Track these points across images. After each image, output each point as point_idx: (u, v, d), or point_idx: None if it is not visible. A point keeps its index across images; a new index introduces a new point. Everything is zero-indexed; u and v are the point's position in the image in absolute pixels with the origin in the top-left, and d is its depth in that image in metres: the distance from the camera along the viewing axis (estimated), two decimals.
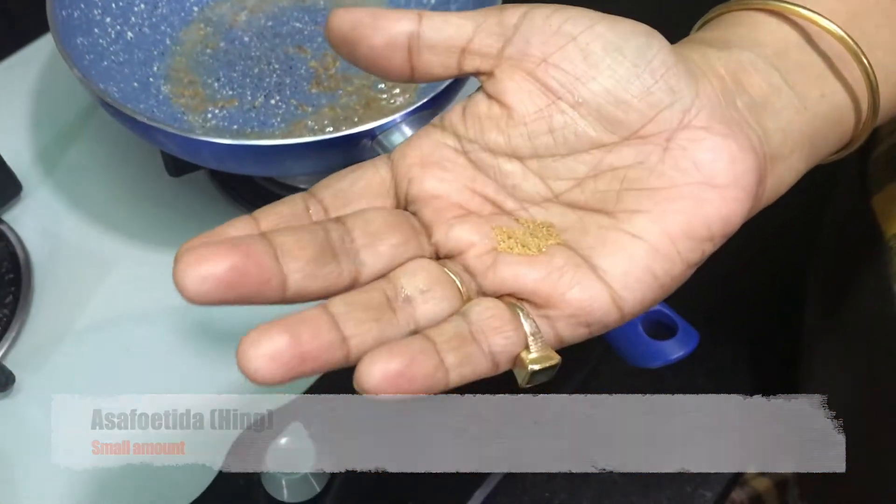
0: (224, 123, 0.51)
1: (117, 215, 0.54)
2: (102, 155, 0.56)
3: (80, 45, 0.49)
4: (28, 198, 0.54)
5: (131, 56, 0.53)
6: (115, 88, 0.49)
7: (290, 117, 0.52)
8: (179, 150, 0.46)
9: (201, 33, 0.55)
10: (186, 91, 0.53)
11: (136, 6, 0.54)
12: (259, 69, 0.54)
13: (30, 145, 0.57)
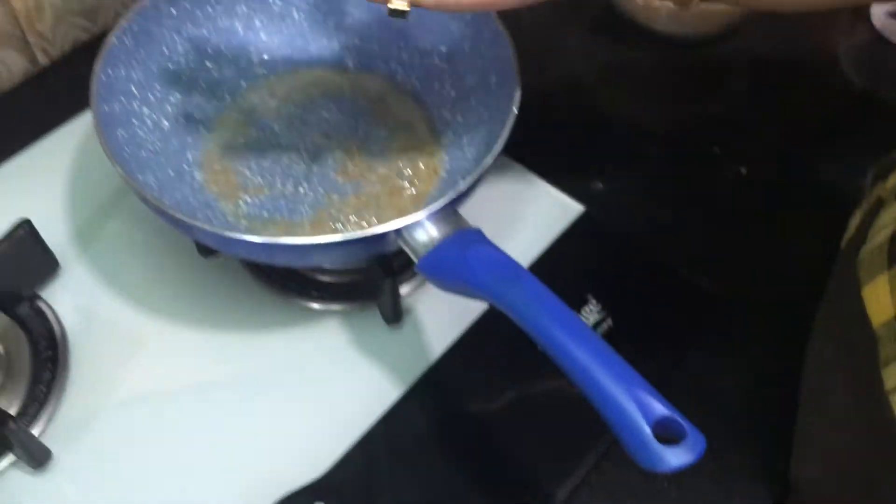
0: (255, 210, 0.54)
1: (151, 293, 0.56)
2: (136, 233, 0.59)
3: (120, 138, 0.52)
4: (65, 274, 0.57)
5: (167, 145, 0.55)
6: (152, 178, 0.52)
7: (317, 205, 0.55)
8: (213, 243, 0.48)
9: (233, 121, 0.58)
10: (219, 178, 0.55)
11: (171, 96, 0.57)
12: (288, 157, 0.57)
13: (67, 222, 0.59)
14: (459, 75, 0.58)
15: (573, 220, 0.60)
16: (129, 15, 0.54)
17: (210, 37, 0.59)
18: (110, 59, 0.52)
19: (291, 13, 0.60)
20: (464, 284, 0.44)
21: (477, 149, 0.56)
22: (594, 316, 0.55)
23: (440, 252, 0.45)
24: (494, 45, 0.55)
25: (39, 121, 0.64)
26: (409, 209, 0.54)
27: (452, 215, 0.47)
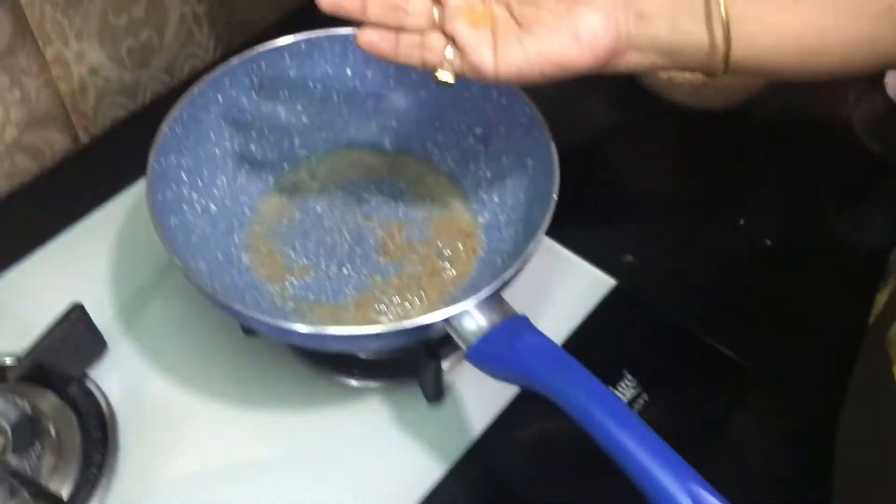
0: (301, 292, 0.56)
1: (195, 371, 0.57)
2: (180, 310, 0.60)
3: (173, 225, 0.53)
4: (112, 354, 0.58)
5: (215, 228, 0.57)
6: (203, 264, 0.54)
7: (361, 286, 0.56)
8: (260, 329, 0.50)
9: (277, 203, 0.60)
10: (266, 260, 0.57)
11: (218, 179, 0.59)
12: (331, 239, 0.58)
13: (112, 301, 0.61)
14: (495, 157, 0.60)
15: (605, 293, 0.62)
16: (178, 104, 0.56)
17: (254, 121, 0.61)
18: (163, 148, 0.54)
19: (331, 96, 0.62)
20: (514, 374, 0.45)
21: (514, 229, 0.57)
22: (630, 391, 0.56)
23: (489, 341, 0.46)
24: (531, 129, 0.57)
25: (82, 198, 0.66)
26: (450, 290, 0.56)
27: (498, 302, 0.48)
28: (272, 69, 0.60)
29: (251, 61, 0.59)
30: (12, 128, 0.63)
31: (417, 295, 0.56)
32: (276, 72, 0.60)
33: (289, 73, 0.61)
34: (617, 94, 0.78)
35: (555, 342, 0.46)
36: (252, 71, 0.59)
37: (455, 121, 0.62)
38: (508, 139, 0.59)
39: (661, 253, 0.65)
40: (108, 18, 0.65)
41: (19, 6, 0.59)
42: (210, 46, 0.75)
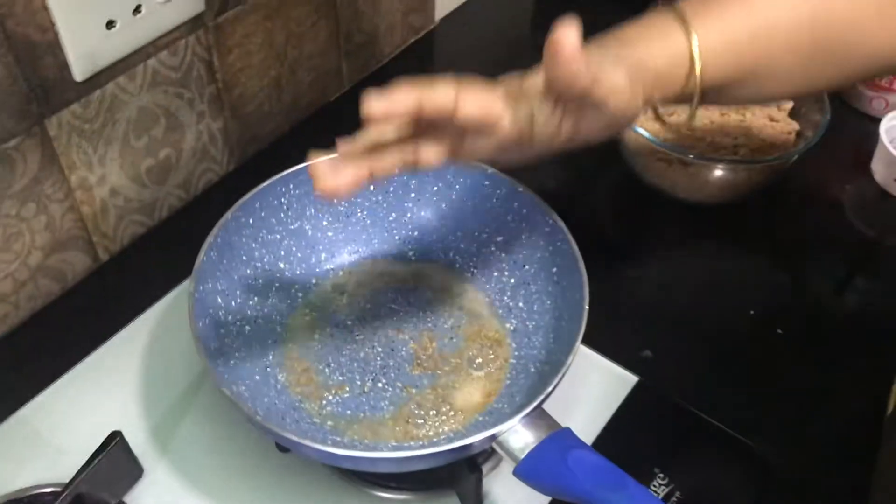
0: (338, 409, 0.56)
1: (230, 490, 0.57)
2: (213, 428, 0.60)
3: (214, 352, 0.54)
4: (147, 477, 0.58)
5: (250, 350, 0.58)
6: (243, 387, 0.54)
7: (397, 400, 0.57)
8: (314, 456, 0.50)
9: (307, 319, 0.61)
10: (301, 379, 0.58)
11: (251, 300, 0.60)
12: (364, 353, 0.59)
13: (144, 423, 0.61)
14: (518, 264, 0.62)
15: (629, 390, 0.63)
16: (213, 230, 0.57)
17: (283, 240, 0.62)
18: (201, 276, 0.55)
19: (355, 212, 0.64)
20: (565, 490, 0.46)
21: (544, 335, 0.59)
22: (663, 489, 0.57)
23: (537, 457, 0.47)
24: (553, 237, 0.59)
25: (104, 318, 0.66)
26: (484, 400, 0.57)
27: (541, 415, 0.49)
28: (299, 189, 0.62)
29: (280, 183, 0.61)
30: (37, 252, 0.64)
31: (454, 406, 0.57)
32: (303, 191, 0.62)
33: (314, 191, 0.62)
34: (618, 189, 0.81)
35: (604, 457, 0.47)
36: (281, 192, 0.61)
37: (476, 230, 0.64)
38: (531, 247, 0.61)
39: (677, 346, 0.67)
40: (129, 141, 0.66)
41: (48, 136, 0.60)
42: (224, 160, 0.77)
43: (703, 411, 0.62)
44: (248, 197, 0.59)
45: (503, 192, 0.62)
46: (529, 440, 0.48)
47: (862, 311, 0.72)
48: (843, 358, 0.67)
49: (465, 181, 0.64)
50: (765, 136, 0.74)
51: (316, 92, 0.83)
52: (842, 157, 0.82)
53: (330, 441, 0.54)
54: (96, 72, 0.61)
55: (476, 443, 0.47)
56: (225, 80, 0.72)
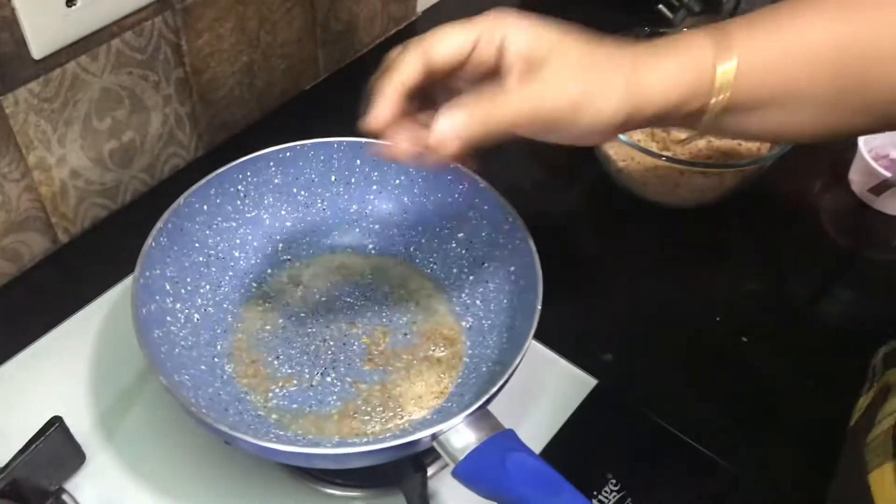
0: (284, 403, 0.55)
1: (173, 480, 0.56)
2: (161, 418, 0.59)
3: (157, 338, 0.53)
4: (89, 465, 0.57)
5: (198, 338, 0.57)
6: (186, 376, 0.53)
7: (345, 396, 0.56)
8: (246, 449, 0.49)
9: (260, 309, 0.60)
10: (248, 371, 0.57)
11: (201, 288, 0.59)
12: (315, 346, 0.58)
13: (91, 410, 0.60)
14: (478, 262, 0.61)
15: (587, 394, 0.62)
16: (164, 216, 0.56)
17: (238, 228, 0.61)
18: (148, 262, 0.54)
19: (316, 202, 0.63)
20: (501, 493, 0.45)
21: (498, 334, 0.58)
22: (615, 496, 0.56)
23: (477, 458, 0.46)
24: (513, 235, 0.58)
25: (60, 301, 0.65)
26: (434, 398, 0.56)
27: (486, 416, 0.48)
28: (257, 177, 0.61)
29: (236, 170, 0.60)
30: None
31: (403, 404, 0.56)
32: (262, 179, 0.61)
33: (274, 180, 0.61)
34: (591, 190, 0.80)
35: (543, 460, 0.46)
36: (238, 179, 0.60)
37: (437, 225, 0.63)
38: (491, 244, 0.60)
39: (639, 351, 0.66)
40: (91, 123, 0.65)
41: (3, 113, 0.59)
42: (192, 146, 0.76)
43: (662, 418, 0.61)
44: (203, 183, 0.58)
45: (465, 187, 0.61)
46: (471, 441, 0.47)
47: (833, 321, 0.71)
48: (809, 368, 0.66)
49: (428, 175, 0.63)
50: (739, 141, 0.73)
51: (290, 80, 0.82)
52: (819, 167, 0.81)
53: (272, 435, 0.53)
54: (56, 50, 0.60)
55: (415, 441, 0.46)
56: (193, 63, 0.71)
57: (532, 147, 0.75)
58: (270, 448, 0.47)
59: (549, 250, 0.55)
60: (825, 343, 0.68)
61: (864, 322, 0.70)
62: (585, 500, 0.43)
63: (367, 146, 0.61)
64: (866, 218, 0.77)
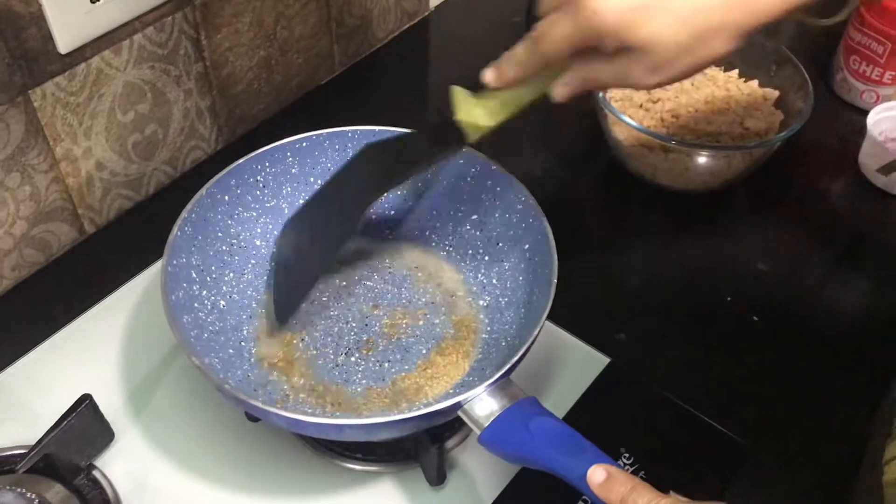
0: (310, 382, 0.57)
1: (201, 458, 0.58)
2: (187, 398, 0.61)
3: (186, 324, 0.54)
4: (118, 442, 0.59)
5: (225, 324, 0.58)
6: (216, 359, 0.55)
7: (369, 373, 0.58)
8: (277, 422, 0.50)
9: None
10: (275, 353, 0.58)
11: (225, 276, 0.60)
12: (338, 328, 0.60)
13: (120, 389, 0.62)
14: (492, 242, 0.63)
15: (600, 371, 0.63)
16: (188, 206, 0.58)
17: (259, 217, 0.63)
18: (175, 251, 0.56)
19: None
20: (526, 456, 0.47)
21: (515, 311, 0.59)
22: (628, 468, 0.58)
23: (501, 424, 0.48)
24: (525, 214, 0.59)
25: (88, 288, 0.67)
26: (457, 375, 0.58)
27: (507, 385, 0.50)
28: (275, 167, 0.63)
29: (255, 161, 0.61)
30: (22, 222, 0.65)
31: (425, 380, 0.57)
32: (280, 169, 0.63)
33: (291, 170, 0.63)
34: (602, 175, 0.81)
35: (565, 423, 0.47)
36: (257, 170, 0.62)
37: (451, 209, 0.64)
38: (505, 224, 0.62)
39: (652, 329, 0.67)
40: (115, 115, 0.68)
41: (32, 107, 0.61)
42: (212, 139, 0.78)
43: (674, 394, 0.62)
44: (224, 174, 0.60)
45: (478, 170, 0.62)
46: (494, 408, 0.48)
47: (842, 302, 0.72)
48: (819, 347, 0.67)
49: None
50: (748, 125, 0.74)
51: (306, 74, 0.84)
52: (830, 150, 0.82)
53: (299, 410, 0.54)
54: (81, 45, 0.62)
55: (441, 410, 0.48)
56: (213, 58, 0.73)
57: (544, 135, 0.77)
58: (302, 420, 0.48)
59: (563, 233, 0.56)
60: (835, 322, 0.69)
61: (875, 302, 0.71)
62: (608, 458, 0.45)
63: (380, 133, 0.62)
64: (876, 200, 0.78)
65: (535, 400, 0.49)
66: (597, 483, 0.43)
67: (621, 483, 0.42)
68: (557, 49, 0.47)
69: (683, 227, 0.76)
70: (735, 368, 0.65)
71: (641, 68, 0.46)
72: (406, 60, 0.92)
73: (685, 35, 0.45)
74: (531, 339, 0.51)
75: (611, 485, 0.42)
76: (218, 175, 0.60)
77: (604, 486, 0.43)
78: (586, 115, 0.79)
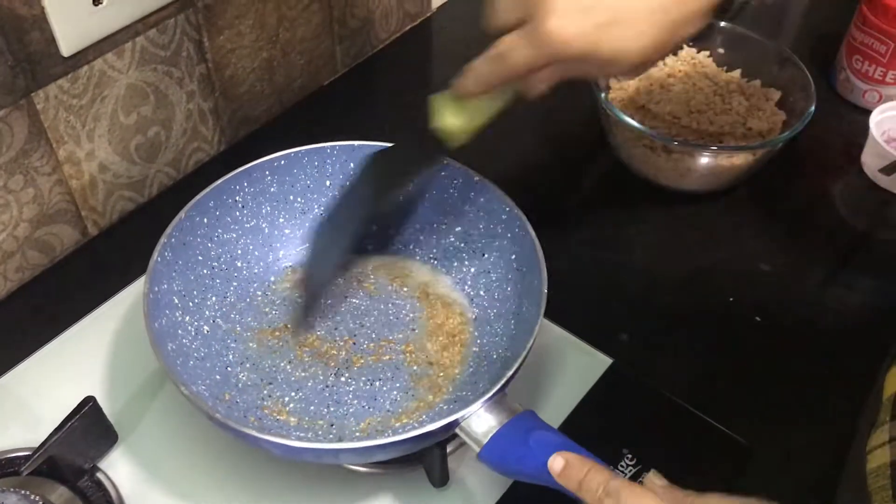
0: (301, 406, 0.56)
1: (206, 461, 0.58)
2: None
3: (171, 352, 0.54)
4: (122, 444, 0.59)
5: (210, 349, 0.58)
6: (203, 386, 0.54)
7: (359, 393, 0.57)
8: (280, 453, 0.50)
9: (267, 317, 0.61)
10: (263, 377, 0.58)
11: (208, 300, 0.60)
12: (325, 347, 0.59)
13: (123, 390, 0.62)
14: (477, 253, 0.62)
15: (602, 372, 0.63)
16: (166, 230, 0.57)
17: (239, 238, 0.62)
18: (156, 276, 0.55)
19: (313, 208, 0.64)
20: (528, 471, 0.47)
21: (505, 322, 0.59)
22: (630, 470, 0.57)
23: (500, 440, 0.48)
24: (510, 224, 0.59)
25: (92, 290, 0.68)
26: (448, 390, 0.57)
27: (504, 399, 0.49)
28: (253, 186, 0.62)
29: (233, 181, 0.61)
30: (25, 225, 0.66)
31: (417, 396, 0.57)
32: (258, 188, 0.62)
33: (270, 188, 0.63)
34: (604, 176, 0.81)
35: (565, 436, 0.47)
36: (235, 190, 0.61)
37: (434, 221, 0.64)
38: (490, 235, 0.62)
39: (654, 330, 0.67)
40: (118, 118, 0.68)
41: (35, 109, 0.61)
42: (215, 140, 0.78)
43: (677, 395, 0.62)
44: (202, 196, 0.59)
45: (459, 182, 0.62)
46: (492, 424, 0.48)
47: (846, 302, 0.72)
48: (822, 347, 0.67)
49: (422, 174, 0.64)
50: (751, 125, 0.74)
51: (309, 75, 0.84)
52: (833, 150, 0.82)
53: (294, 437, 0.54)
54: (84, 47, 0.62)
55: (437, 430, 0.48)
56: (215, 60, 0.73)
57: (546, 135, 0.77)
58: (296, 447, 0.48)
59: (564, 234, 0.56)
60: (838, 323, 0.69)
61: (878, 302, 0.71)
62: (609, 469, 0.44)
63: (359, 149, 0.62)
64: (879, 200, 0.78)
65: (533, 413, 0.49)
66: (556, 472, 0.44)
67: (577, 469, 0.44)
68: (519, 70, 0.47)
69: (686, 227, 0.76)
70: (738, 369, 0.65)
71: (615, 70, 0.47)
72: (408, 62, 0.92)
73: (649, 40, 0.45)
74: (524, 352, 0.51)
75: (569, 471, 0.44)
76: (196, 197, 0.59)
77: (563, 475, 0.44)
78: (588, 116, 0.79)
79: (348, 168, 0.63)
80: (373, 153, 0.57)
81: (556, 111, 0.52)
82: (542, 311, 0.52)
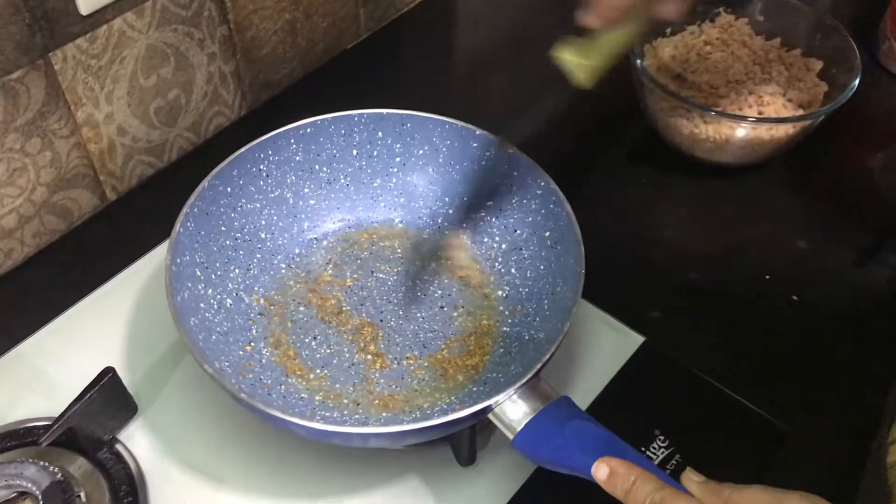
0: (327, 383, 0.55)
1: (226, 431, 0.57)
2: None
3: (194, 327, 0.52)
4: (141, 416, 0.58)
5: (233, 324, 0.56)
6: (226, 363, 0.52)
7: (388, 372, 0.55)
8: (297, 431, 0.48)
9: (292, 290, 0.59)
10: (288, 352, 0.56)
11: (231, 272, 0.58)
12: (352, 323, 0.57)
13: (142, 361, 0.60)
14: (509, 229, 0.60)
15: (634, 350, 0.61)
16: (189, 200, 0.55)
17: (263, 209, 0.60)
18: (178, 248, 0.53)
19: (339, 178, 0.62)
20: (563, 461, 0.45)
21: (537, 302, 0.57)
22: (662, 452, 0.56)
23: (535, 428, 0.46)
24: (545, 200, 0.57)
25: (110, 257, 0.66)
26: (477, 372, 0.55)
27: (538, 385, 0.47)
28: (278, 155, 0.60)
29: (258, 149, 0.59)
30: (42, 189, 0.64)
31: (447, 376, 0.55)
32: (283, 157, 0.60)
33: (295, 157, 0.60)
34: (637, 149, 0.78)
35: (603, 426, 0.46)
36: (259, 159, 0.59)
37: (464, 194, 0.62)
38: (523, 211, 0.59)
39: (687, 307, 0.65)
40: (137, 80, 0.66)
41: (52, 70, 0.59)
42: (236, 105, 0.76)
43: (710, 375, 0.60)
44: (225, 164, 0.57)
45: (492, 153, 0.59)
46: (526, 411, 0.46)
47: (884, 281, 0.69)
48: (859, 327, 0.65)
49: (453, 143, 0.61)
50: (791, 96, 0.71)
51: (332, 38, 0.82)
52: (874, 123, 0.80)
53: (319, 417, 0.52)
54: (103, 6, 0.60)
55: (470, 415, 0.46)
56: (237, 20, 0.71)
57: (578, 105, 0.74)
58: (325, 430, 0.46)
59: (595, 207, 0.54)
60: (876, 302, 0.67)
61: None
62: (650, 462, 0.43)
63: (388, 117, 0.59)
64: None
65: (568, 400, 0.48)
66: (601, 480, 0.43)
67: (623, 477, 0.42)
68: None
69: (720, 201, 0.74)
70: (773, 349, 0.63)
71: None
72: (433, 25, 0.90)
73: None
74: (560, 336, 0.49)
75: (614, 480, 0.43)
76: (219, 166, 0.57)
77: (609, 482, 0.43)
78: (622, 85, 0.76)
79: (376, 137, 0.61)
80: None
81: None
82: (580, 293, 0.50)
